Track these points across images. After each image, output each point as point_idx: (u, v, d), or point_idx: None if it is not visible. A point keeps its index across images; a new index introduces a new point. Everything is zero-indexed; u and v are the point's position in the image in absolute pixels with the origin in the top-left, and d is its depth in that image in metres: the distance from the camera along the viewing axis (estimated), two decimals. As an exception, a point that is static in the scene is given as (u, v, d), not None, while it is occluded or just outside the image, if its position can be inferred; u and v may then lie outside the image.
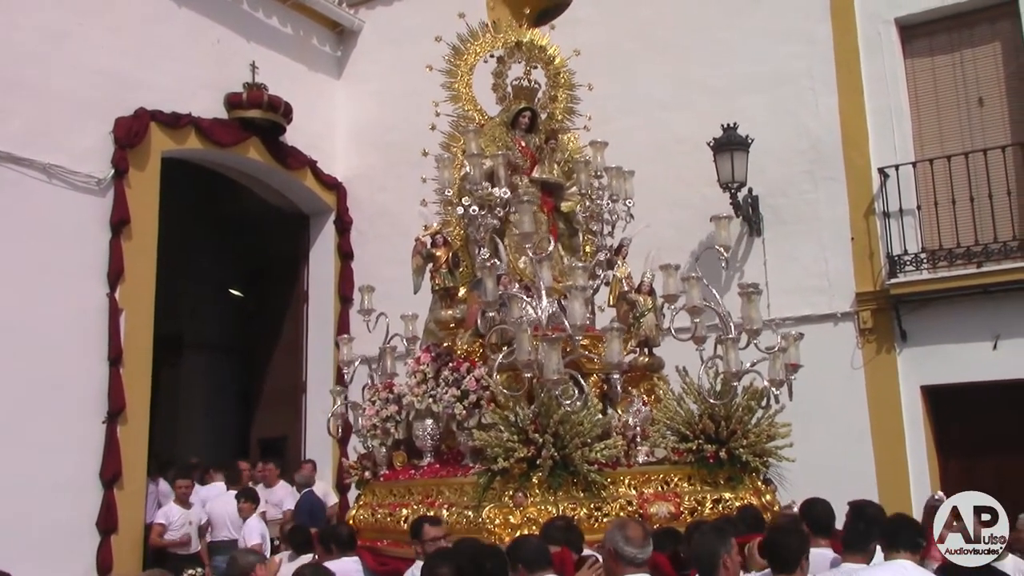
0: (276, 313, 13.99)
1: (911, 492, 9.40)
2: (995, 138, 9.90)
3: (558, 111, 8.20)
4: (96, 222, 10.51)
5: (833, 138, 10.46)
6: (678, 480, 6.50)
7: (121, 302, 10.51)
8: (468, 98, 8.04)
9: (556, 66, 8.15)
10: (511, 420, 6.06)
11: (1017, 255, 9.50)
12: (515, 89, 7.94)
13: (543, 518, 5.74)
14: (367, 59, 13.81)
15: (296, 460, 12.89)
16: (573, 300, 6.34)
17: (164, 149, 11.35)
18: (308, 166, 13.12)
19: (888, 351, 9.97)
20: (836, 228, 10.32)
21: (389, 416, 7.39)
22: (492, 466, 5.98)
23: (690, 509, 6.28)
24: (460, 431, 6.75)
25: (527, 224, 6.63)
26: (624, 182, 7.48)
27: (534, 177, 7.71)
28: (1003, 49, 10.12)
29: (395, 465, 7.37)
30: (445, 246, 7.55)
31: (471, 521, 6.03)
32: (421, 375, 7.19)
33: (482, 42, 8.11)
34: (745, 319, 6.81)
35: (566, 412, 5.98)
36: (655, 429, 6.68)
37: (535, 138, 7.92)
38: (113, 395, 10.28)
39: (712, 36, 11.23)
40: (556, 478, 5.99)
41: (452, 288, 7.44)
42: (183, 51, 11.68)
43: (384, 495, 7.26)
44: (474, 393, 6.62)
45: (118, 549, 10.06)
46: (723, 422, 6.51)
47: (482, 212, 7.02)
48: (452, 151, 7.85)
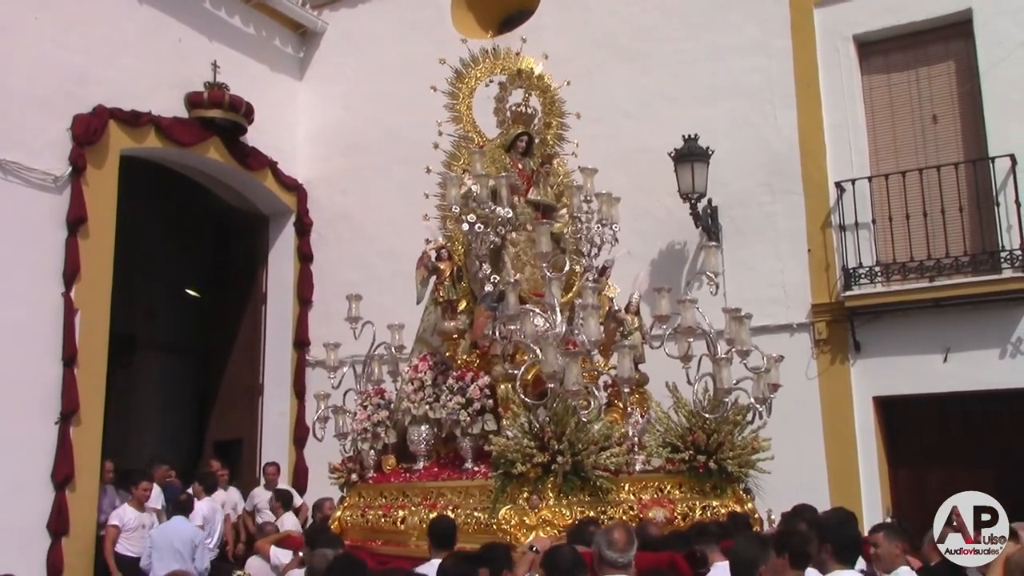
0: (233, 315, 13.87)
1: (862, 500, 9.56)
2: (948, 155, 10.11)
3: (550, 137, 8.55)
4: (52, 220, 10.37)
5: (792, 151, 10.62)
6: (671, 488, 6.85)
7: (77, 301, 10.38)
8: (468, 120, 8.43)
9: (551, 94, 8.52)
10: (528, 427, 6.40)
11: (968, 270, 9.70)
12: (514, 114, 8.30)
13: (557, 520, 6.18)
14: (329, 61, 13.77)
15: (251, 463, 12.83)
16: (588, 317, 6.72)
17: (123, 147, 11.23)
18: (269, 167, 13.05)
19: (842, 362, 10.14)
20: (793, 240, 10.48)
21: (380, 421, 7.75)
22: (511, 470, 6.32)
23: (682, 515, 6.63)
24: (463, 437, 7.18)
25: (544, 244, 7.07)
26: (611, 207, 7.85)
27: (530, 198, 8.07)
28: (957, 68, 10.33)
29: (384, 469, 7.71)
30: (449, 260, 7.87)
31: (481, 522, 6.41)
32: (419, 382, 7.59)
33: (482, 66, 8.49)
34: (736, 340, 7.12)
35: (581, 421, 6.36)
36: (652, 439, 7.04)
37: (530, 161, 8.28)
38: (67, 396, 10.15)
39: (675, 48, 11.37)
40: (568, 483, 6.33)
41: (455, 300, 7.75)
42: (144, 49, 11.56)
43: (373, 497, 7.55)
44: (478, 401, 7.12)
45: (69, 552, 9.93)
46: (713, 435, 6.83)
47: (486, 229, 7.39)
48: (454, 169, 8.18)
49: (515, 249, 7.68)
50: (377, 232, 12.78)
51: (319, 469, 12.29)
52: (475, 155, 7.62)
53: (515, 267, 7.60)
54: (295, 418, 12.89)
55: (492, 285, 7.33)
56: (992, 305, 9.44)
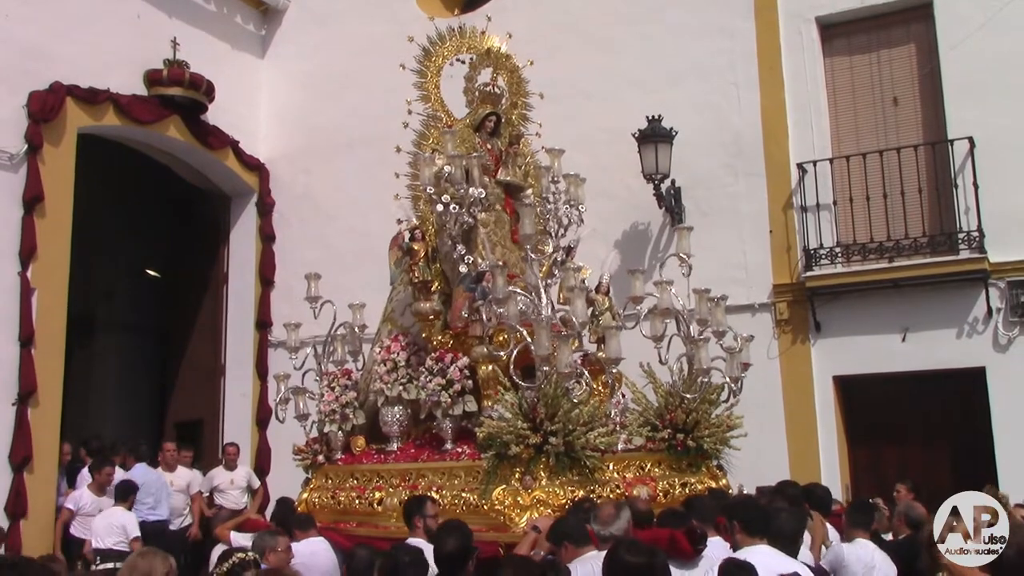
0: (194, 295, 13.73)
1: (821, 477, 9.66)
2: (908, 137, 10.22)
3: (515, 117, 8.54)
4: (8, 198, 10.19)
5: (754, 133, 10.68)
6: (651, 466, 6.94)
7: (33, 281, 10.22)
8: (437, 99, 8.34)
9: (517, 75, 8.51)
10: (521, 409, 6.42)
11: (926, 251, 9.84)
12: (482, 94, 8.24)
13: (551, 499, 6.27)
14: (291, 39, 13.62)
15: (213, 443, 12.73)
16: (575, 299, 6.81)
17: (80, 125, 11.05)
18: (230, 146, 12.89)
19: (803, 342, 10.25)
20: (755, 221, 10.55)
21: (348, 402, 7.68)
22: (506, 451, 6.35)
23: (664, 491, 6.74)
24: (444, 418, 7.15)
25: (528, 226, 7.05)
26: (578, 188, 7.88)
27: (499, 179, 8.07)
28: (917, 51, 10.44)
29: (353, 450, 7.66)
30: (423, 241, 7.79)
31: (471, 503, 6.48)
32: (392, 363, 7.50)
33: (449, 45, 8.41)
34: (713, 322, 7.30)
35: (572, 402, 6.43)
36: (632, 419, 7.11)
37: (498, 142, 8.27)
38: (24, 377, 10.02)
39: (639, 29, 11.36)
40: (560, 463, 6.41)
41: (429, 281, 7.66)
42: (102, 25, 11.35)
43: (343, 478, 7.52)
44: (458, 382, 7.09)
45: (28, 534, 9.80)
46: (691, 414, 6.94)
47: (460, 209, 7.38)
48: (423, 148, 8.12)
49: (485, 230, 7.66)
50: (339, 212, 12.70)
51: (282, 450, 12.29)
52: (447, 135, 7.59)
53: (485, 247, 7.59)
54: (258, 399, 12.82)
55: (467, 266, 7.33)
56: (949, 286, 9.59)
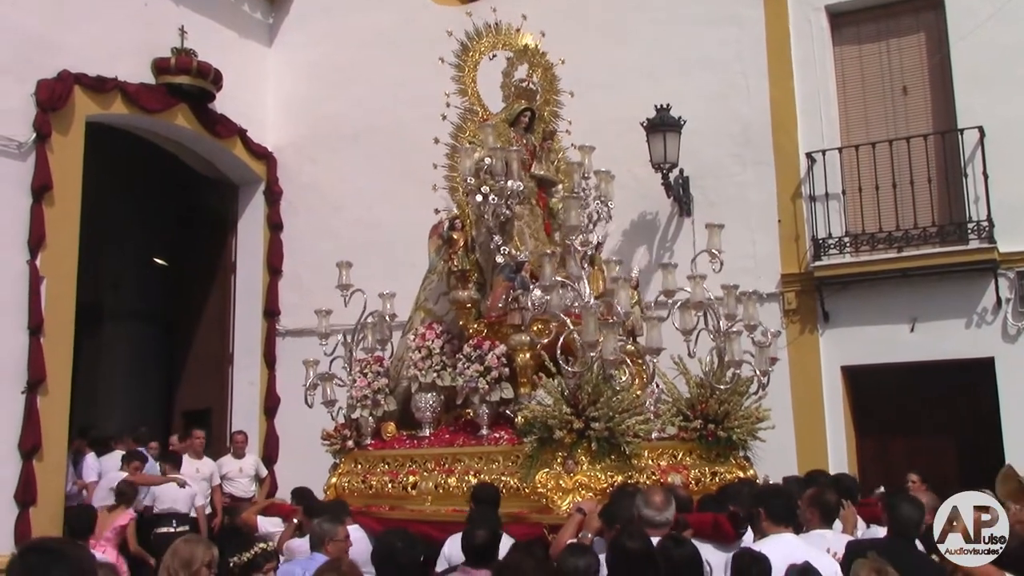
0: (202, 284, 13.73)
1: (829, 468, 9.65)
2: (918, 126, 10.18)
3: (547, 113, 8.68)
4: (17, 187, 10.20)
5: (763, 122, 10.64)
6: (683, 455, 7.09)
7: (42, 270, 10.24)
8: (473, 93, 8.48)
9: (551, 73, 8.68)
10: (564, 395, 6.53)
11: (935, 240, 9.81)
12: (518, 90, 8.41)
13: (594, 484, 6.39)
14: (299, 28, 13.58)
15: (221, 432, 12.76)
16: (620, 290, 7.08)
17: (88, 113, 11.04)
18: (238, 135, 12.88)
19: (811, 331, 10.23)
20: (764, 210, 10.52)
21: (380, 388, 7.81)
22: (550, 436, 6.46)
23: (695, 480, 6.89)
24: (481, 404, 7.29)
25: (573, 218, 7.25)
26: (608, 184, 7.98)
27: (533, 173, 8.22)
28: (927, 40, 10.39)
29: (384, 436, 7.78)
30: (462, 231, 7.93)
31: (512, 487, 6.58)
32: (426, 350, 7.65)
33: (485, 41, 8.56)
34: (744, 316, 7.51)
35: (615, 389, 6.55)
36: (665, 408, 7.28)
37: (532, 137, 8.40)
38: (33, 365, 10.04)
39: (648, 18, 11.31)
40: (601, 448, 6.50)
41: (468, 270, 7.80)
42: (109, 13, 11.33)
43: (374, 463, 7.63)
44: (496, 369, 7.21)
45: (37, 522, 9.83)
46: (723, 405, 7.11)
47: (500, 201, 7.48)
48: (460, 141, 8.27)
49: (519, 222, 7.85)
50: (346, 201, 12.71)
51: (289, 439, 12.34)
52: (487, 128, 7.75)
53: (520, 239, 7.76)
54: (266, 387, 12.85)
55: (503, 256, 7.46)
56: (958, 275, 9.56)
